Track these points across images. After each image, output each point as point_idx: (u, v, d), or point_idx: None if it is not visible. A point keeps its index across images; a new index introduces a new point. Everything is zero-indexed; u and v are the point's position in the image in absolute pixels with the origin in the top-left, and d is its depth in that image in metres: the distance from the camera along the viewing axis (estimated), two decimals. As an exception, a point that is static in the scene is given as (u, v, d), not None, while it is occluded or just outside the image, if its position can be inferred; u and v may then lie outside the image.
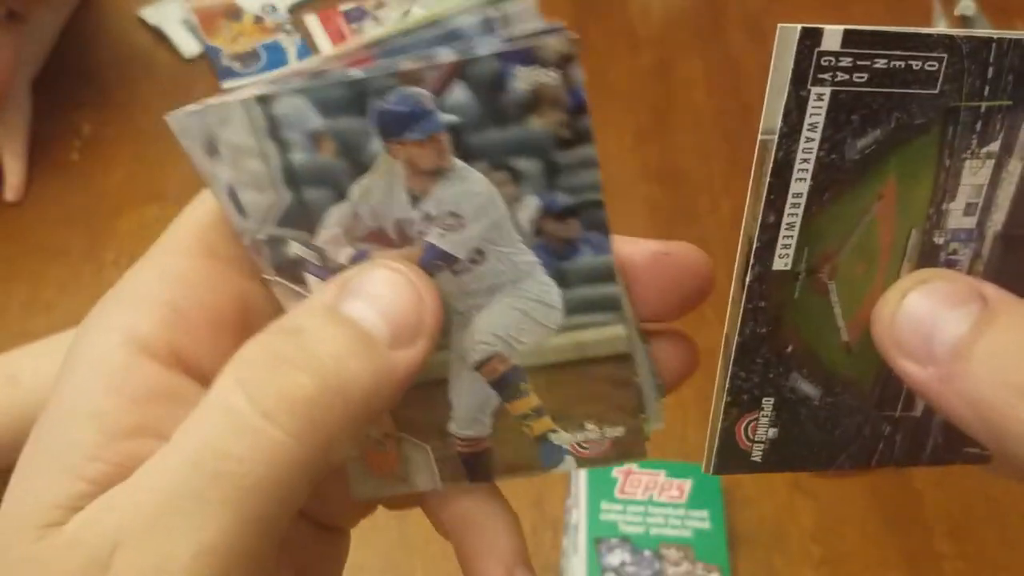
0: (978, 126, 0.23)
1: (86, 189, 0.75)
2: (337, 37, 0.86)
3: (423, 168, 0.22)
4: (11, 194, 0.74)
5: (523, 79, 0.21)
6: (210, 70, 0.84)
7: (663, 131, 0.80)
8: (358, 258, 0.23)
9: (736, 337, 0.24)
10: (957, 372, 0.21)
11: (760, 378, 0.25)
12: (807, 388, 0.25)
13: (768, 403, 0.25)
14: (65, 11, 0.85)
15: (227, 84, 0.82)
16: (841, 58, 0.22)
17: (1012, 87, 0.23)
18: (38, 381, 0.52)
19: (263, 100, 0.22)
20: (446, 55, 0.21)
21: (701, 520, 0.56)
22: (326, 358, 0.20)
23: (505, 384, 0.25)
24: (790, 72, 0.22)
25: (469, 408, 0.25)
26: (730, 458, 0.26)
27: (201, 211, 0.24)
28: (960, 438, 0.25)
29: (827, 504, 0.60)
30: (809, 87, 0.22)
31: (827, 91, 0.22)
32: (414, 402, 0.24)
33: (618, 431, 0.25)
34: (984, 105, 0.23)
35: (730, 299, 0.24)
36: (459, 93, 0.21)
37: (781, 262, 0.23)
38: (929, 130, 0.23)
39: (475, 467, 0.26)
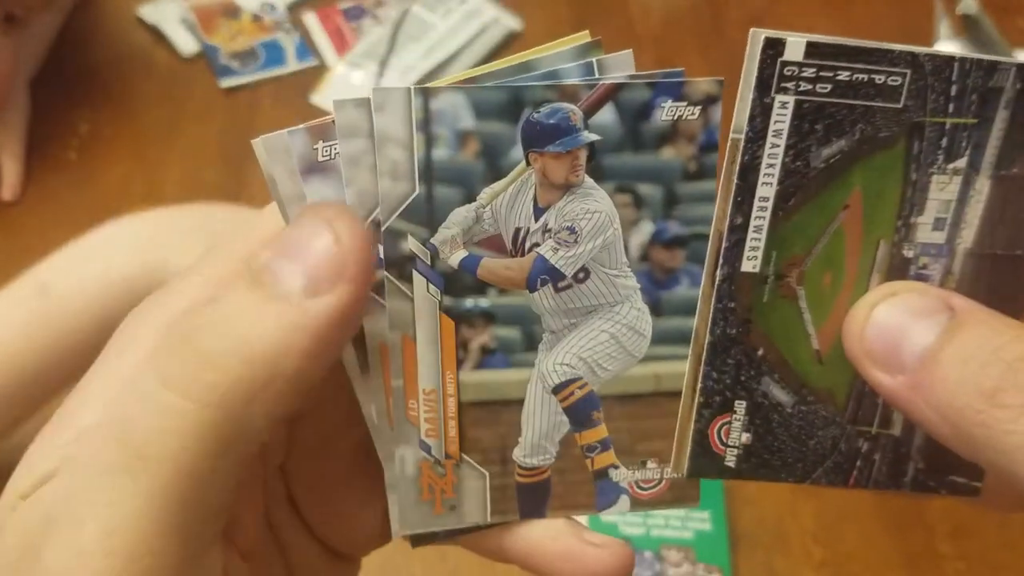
0: (943, 142, 0.23)
1: (84, 188, 0.75)
2: (336, 35, 0.86)
3: (554, 181, 0.23)
4: (8, 193, 0.74)
5: (668, 111, 0.24)
6: (208, 69, 0.83)
7: (663, 130, 0.80)
8: (468, 262, 0.23)
9: (707, 336, 0.24)
10: (925, 379, 0.21)
11: (732, 380, 0.25)
12: (779, 394, 0.25)
13: (741, 406, 0.25)
14: (63, 11, 0.85)
15: (225, 83, 0.82)
16: (804, 68, 0.22)
17: (976, 106, 0.23)
18: (69, 290, 0.51)
19: (425, 92, 0.23)
20: (609, 78, 0.23)
21: (702, 521, 0.56)
22: (232, 319, 0.20)
23: (578, 411, 0.25)
24: (754, 79, 0.22)
25: (538, 433, 0.25)
26: (704, 461, 0.25)
27: (250, 234, 0.23)
28: (944, 465, 0.25)
29: (828, 504, 0.60)
30: (773, 95, 0.23)
31: (791, 100, 0.23)
32: (483, 421, 0.24)
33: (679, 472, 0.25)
34: (949, 122, 0.23)
35: (700, 296, 0.24)
36: (607, 115, 0.23)
37: (749, 264, 0.24)
38: (894, 144, 0.23)
39: (529, 500, 0.25)
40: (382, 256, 0.23)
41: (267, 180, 0.23)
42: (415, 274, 0.24)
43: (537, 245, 0.24)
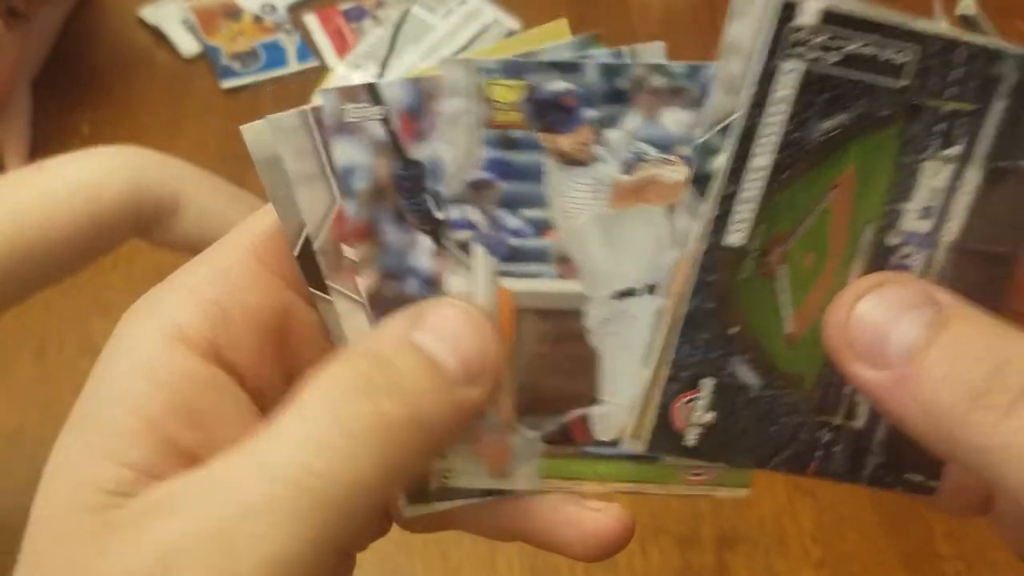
0: (940, 127, 0.23)
1: (85, 189, 0.75)
2: (336, 36, 0.86)
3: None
4: (11, 193, 0.74)
5: None
6: (209, 70, 0.83)
7: (663, 131, 0.80)
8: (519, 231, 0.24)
9: (685, 308, 0.24)
10: (911, 375, 0.21)
11: (702, 356, 0.24)
12: (747, 375, 0.24)
13: (707, 384, 0.24)
14: (64, 8, 0.85)
15: (226, 84, 0.82)
16: (816, 35, 0.22)
17: (975, 93, 0.23)
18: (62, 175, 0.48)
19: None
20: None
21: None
22: (410, 390, 0.21)
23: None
24: (769, 42, 0.22)
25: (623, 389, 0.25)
26: (664, 438, 0.25)
27: (259, 223, 0.24)
28: (903, 462, 0.25)
29: (827, 504, 0.60)
30: (782, 60, 0.22)
31: (799, 66, 0.22)
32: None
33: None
34: (947, 107, 0.23)
35: (679, 270, 0.24)
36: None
37: (735, 237, 0.23)
38: (891, 124, 0.23)
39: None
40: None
41: (260, 166, 0.23)
42: (474, 247, 0.24)
43: None
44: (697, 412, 0.25)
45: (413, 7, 0.87)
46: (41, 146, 0.78)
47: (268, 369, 0.24)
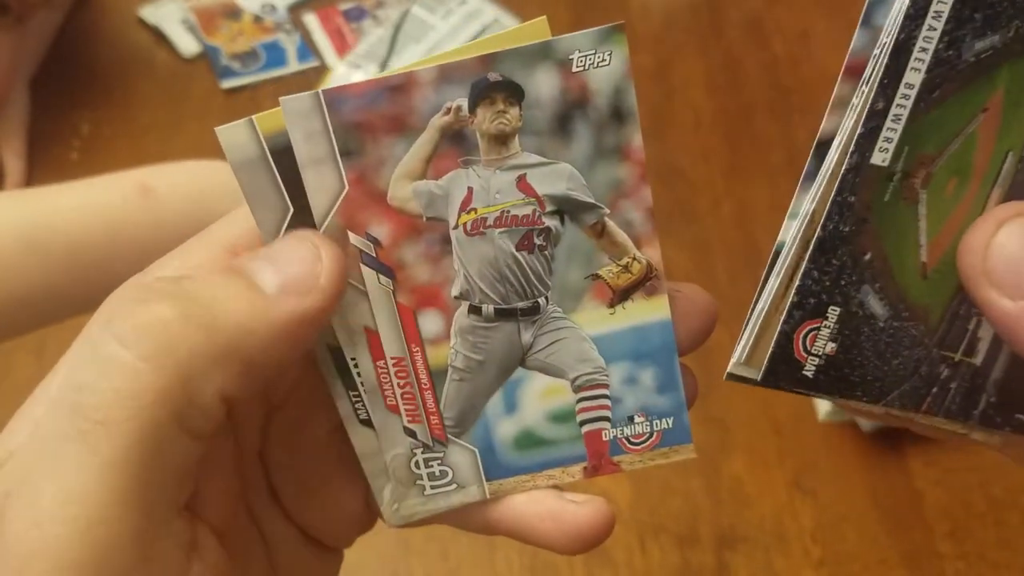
0: None
1: (85, 189, 0.75)
2: (336, 36, 0.86)
3: None
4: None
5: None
6: (209, 69, 0.84)
7: (663, 131, 0.80)
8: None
9: (818, 231, 0.23)
10: None
11: (832, 282, 0.23)
12: (875, 305, 0.23)
13: (834, 313, 0.23)
14: (63, 9, 0.85)
15: (226, 84, 0.82)
16: None
17: None
18: (174, 193, 0.52)
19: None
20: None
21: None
22: (192, 292, 0.21)
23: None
24: None
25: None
26: (783, 367, 0.24)
27: (234, 223, 0.24)
28: (1014, 403, 0.24)
29: (827, 503, 0.60)
30: None
31: None
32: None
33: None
34: None
35: (811, 193, 0.23)
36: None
37: (880, 156, 0.22)
38: None
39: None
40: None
41: (236, 168, 0.23)
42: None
43: None
44: (820, 342, 0.24)
45: (413, 7, 0.87)
46: (42, 145, 0.78)
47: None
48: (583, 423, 0.25)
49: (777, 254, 0.23)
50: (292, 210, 0.23)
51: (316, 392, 0.25)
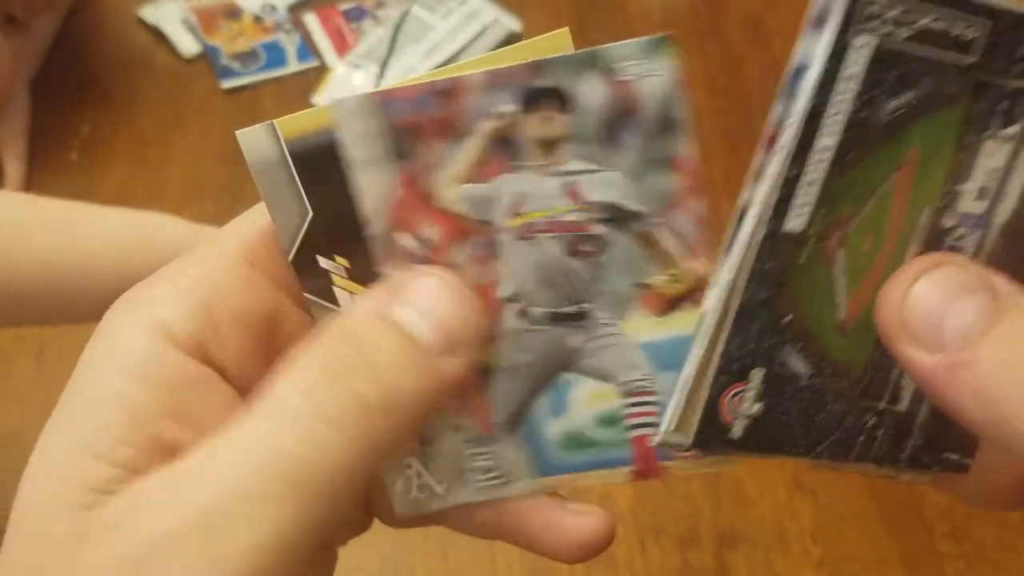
0: (1003, 106, 0.22)
1: (85, 189, 0.75)
2: (336, 36, 0.86)
3: None
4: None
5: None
6: (209, 70, 0.83)
7: (663, 131, 0.80)
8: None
9: (739, 298, 0.23)
10: (966, 360, 0.20)
11: (754, 346, 0.23)
12: (797, 364, 0.24)
13: (757, 374, 0.24)
14: (62, 11, 0.85)
15: (226, 84, 0.82)
16: (892, 8, 0.21)
17: None
18: (176, 245, 0.53)
19: None
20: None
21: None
22: (383, 366, 0.21)
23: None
24: (841, 13, 0.21)
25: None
26: (711, 431, 0.24)
27: (251, 223, 0.24)
28: (940, 443, 0.25)
29: (827, 504, 0.60)
30: (854, 34, 0.21)
31: (872, 41, 0.21)
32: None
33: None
34: (1011, 84, 0.22)
35: (730, 262, 0.23)
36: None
37: (795, 222, 0.22)
38: (956, 102, 0.22)
39: None
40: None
41: (255, 170, 0.23)
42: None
43: None
44: (745, 404, 0.24)
45: (413, 7, 0.87)
46: (42, 146, 0.78)
47: (257, 370, 0.24)
48: (631, 428, 0.25)
49: (700, 322, 0.24)
50: (311, 214, 0.23)
51: None
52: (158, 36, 0.86)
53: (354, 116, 0.23)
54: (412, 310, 0.22)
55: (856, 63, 0.21)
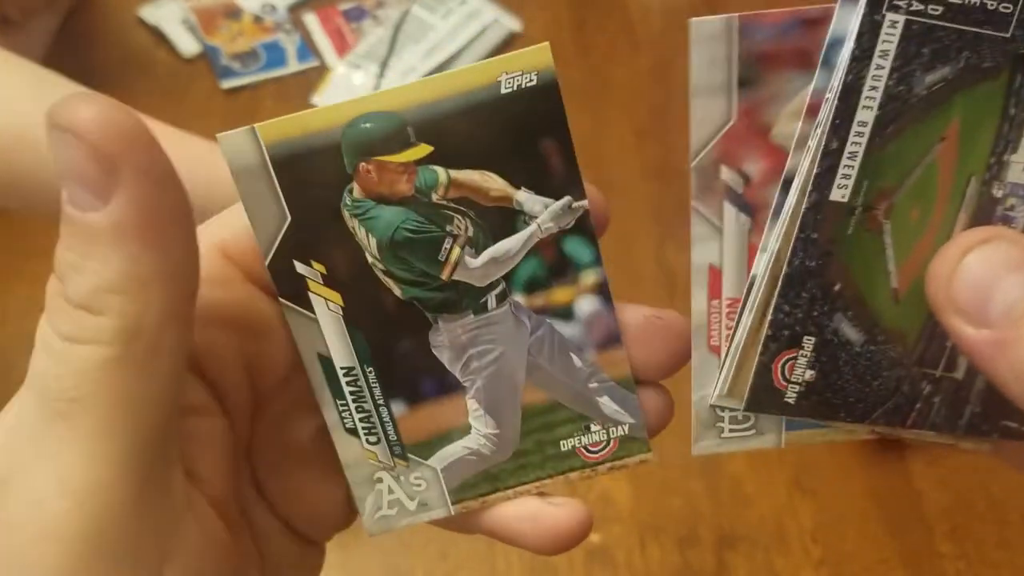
0: None
1: (85, 189, 0.75)
2: (336, 36, 0.86)
3: None
4: (10, 194, 0.74)
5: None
6: (209, 69, 0.84)
7: (663, 131, 0.80)
8: None
9: (784, 268, 0.24)
10: (1011, 338, 0.20)
11: (804, 314, 0.24)
12: (850, 332, 0.24)
13: (809, 342, 0.24)
14: (60, 12, 0.85)
15: (226, 84, 0.82)
16: None
17: None
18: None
19: None
20: None
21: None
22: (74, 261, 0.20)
23: None
24: None
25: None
26: (764, 396, 0.25)
27: (229, 221, 0.24)
28: (999, 411, 0.25)
29: (827, 503, 0.60)
30: (884, 12, 0.22)
31: (901, 19, 0.22)
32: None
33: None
34: None
35: (776, 230, 0.24)
36: None
37: (839, 192, 0.23)
38: (997, 75, 0.23)
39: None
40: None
41: (236, 175, 0.23)
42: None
43: None
44: (798, 370, 0.24)
45: (413, 7, 0.87)
46: (41, 146, 0.78)
47: (228, 361, 0.24)
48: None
49: (751, 287, 0.24)
50: (289, 219, 0.23)
51: (302, 394, 0.25)
52: (158, 36, 0.86)
53: (713, 39, 0.23)
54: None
55: (888, 41, 0.22)
